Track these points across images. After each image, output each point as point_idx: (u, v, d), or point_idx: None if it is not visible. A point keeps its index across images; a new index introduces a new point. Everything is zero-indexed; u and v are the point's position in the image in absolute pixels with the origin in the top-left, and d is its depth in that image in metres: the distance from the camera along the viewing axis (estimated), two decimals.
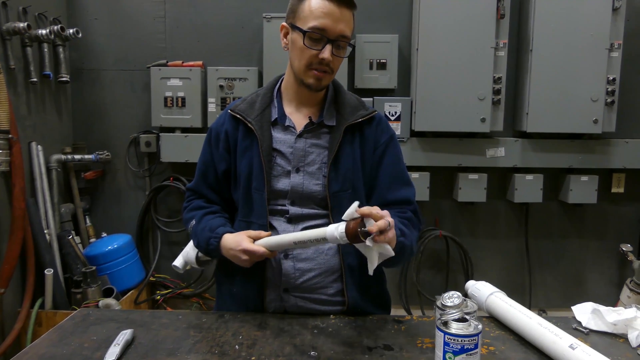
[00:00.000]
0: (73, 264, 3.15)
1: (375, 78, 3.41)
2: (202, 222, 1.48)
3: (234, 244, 1.36)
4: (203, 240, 1.44)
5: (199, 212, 1.52)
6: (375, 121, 1.50)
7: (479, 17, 3.19)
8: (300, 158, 1.44)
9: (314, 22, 1.33)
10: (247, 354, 1.20)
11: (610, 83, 3.25)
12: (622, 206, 3.64)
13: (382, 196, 1.47)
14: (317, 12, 1.33)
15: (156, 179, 3.67)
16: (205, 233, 1.44)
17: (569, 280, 3.71)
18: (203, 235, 1.44)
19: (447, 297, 1.11)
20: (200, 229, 1.46)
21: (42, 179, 3.16)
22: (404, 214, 1.43)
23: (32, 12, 3.10)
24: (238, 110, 1.48)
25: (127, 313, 1.46)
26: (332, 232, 1.17)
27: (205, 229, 1.45)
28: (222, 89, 3.41)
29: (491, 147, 3.40)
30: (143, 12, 3.58)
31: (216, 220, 1.47)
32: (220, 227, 1.43)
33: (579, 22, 3.19)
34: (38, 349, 1.22)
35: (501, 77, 3.27)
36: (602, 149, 3.40)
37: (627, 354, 1.22)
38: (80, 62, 3.60)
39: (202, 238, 1.45)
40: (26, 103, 3.08)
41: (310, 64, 1.37)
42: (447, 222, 3.67)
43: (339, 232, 1.15)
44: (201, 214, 1.51)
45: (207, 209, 1.53)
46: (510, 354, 1.21)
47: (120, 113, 3.64)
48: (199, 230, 1.47)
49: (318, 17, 1.33)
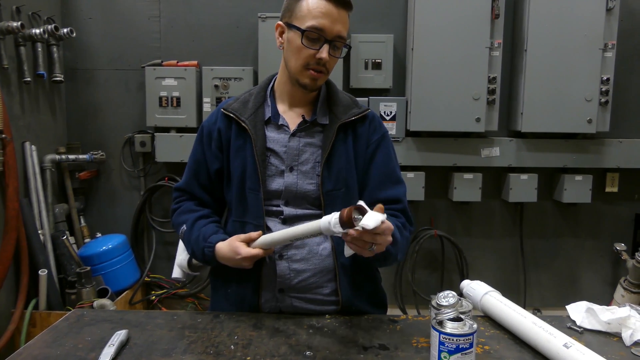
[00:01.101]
0: (67, 265, 3.14)
1: (370, 78, 3.42)
2: (195, 229, 1.46)
3: (230, 252, 1.35)
4: (198, 250, 1.44)
5: (190, 216, 1.50)
6: (368, 119, 1.50)
7: (474, 17, 3.20)
8: (293, 157, 1.44)
9: (312, 22, 1.33)
10: (243, 354, 1.19)
11: (604, 83, 3.27)
12: (616, 205, 3.66)
13: (371, 194, 1.46)
14: (315, 12, 1.33)
15: (151, 179, 3.66)
16: (200, 243, 1.42)
17: (563, 280, 3.73)
18: (197, 245, 1.43)
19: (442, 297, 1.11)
20: (194, 239, 1.45)
21: (36, 179, 3.14)
22: (398, 219, 1.43)
23: (25, 12, 3.09)
24: (231, 109, 1.47)
25: (121, 313, 1.45)
26: (326, 222, 1.16)
27: (198, 238, 1.43)
28: (217, 88, 3.40)
29: (486, 146, 3.41)
30: (137, 12, 3.57)
31: (208, 227, 1.46)
32: (212, 235, 1.42)
33: (573, 23, 3.20)
34: (32, 349, 1.21)
35: (496, 77, 3.28)
36: (596, 148, 3.41)
37: (621, 352, 1.22)
38: (74, 61, 3.59)
39: (197, 248, 1.44)
40: (20, 103, 3.07)
41: (308, 63, 1.37)
42: (442, 222, 3.67)
43: (333, 220, 1.15)
44: (192, 219, 1.49)
45: (197, 212, 1.51)
46: (505, 353, 1.21)
47: (115, 113, 3.63)
48: (192, 239, 1.45)
49: (316, 16, 1.33)
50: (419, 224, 3.59)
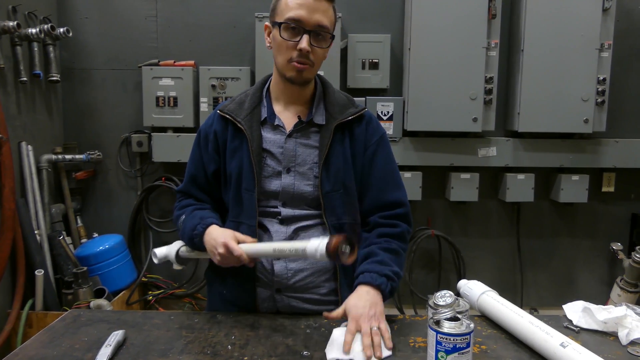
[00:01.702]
0: (64, 265, 3.13)
1: (367, 78, 3.42)
2: (193, 213, 1.47)
3: (218, 235, 1.34)
4: (189, 228, 1.42)
5: (190, 207, 1.51)
6: (365, 119, 1.49)
7: (471, 17, 3.21)
8: (290, 158, 1.44)
9: (290, 14, 1.34)
10: (240, 354, 1.19)
11: (601, 83, 3.28)
12: (613, 205, 3.67)
13: (374, 199, 1.47)
14: (292, 4, 1.35)
15: (148, 179, 3.65)
16: (195, 220, 1.42)
17: (560, 279, 3.74)
18: (191, 222, 1.42)
19: (440, 296, 1.11)
20: (190, 218, 1.45)
21: (33, 179, 3.13)
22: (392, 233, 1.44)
23: (21, 11, 3.07)
24: (227, 110, 1.47)
25: (118, 314, 1.45)
26: (313, 249, 1.20)
27: (195, 217, 1.44)
28: (214, 88, 3.40)
29: (483, 146, 3.41)
30: (134, 11, 3.56)
31: (207, 212, 1.47)
32: (210, 218, 1.42)
33: (569, 23, 3.21)
34: (28, 350, 1.21)
35: (493, 77, 3.29)
36: (592, 148, 3.42)
37: (617, 351, 1.23)
38: (70, 61, 3.58)
39: (189, 225, 1.42)
40: (16, 102, 3.06)
41: (291, 57, 1.37)
42: (439, 222, 3.68)
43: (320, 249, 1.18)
44: (192, 209, 1.49)
45: (197, 205, 1.52)
46: (502, 352, 1.21)
47: (112, 113, 3.62)
48: (187, 219, 1.45)
49: (293, 8, 1.34)
50: (416, 224, 3.58)
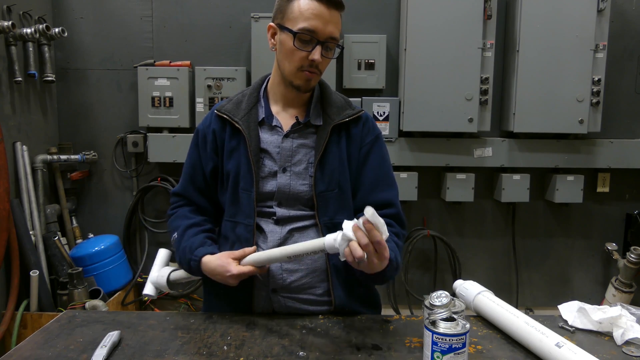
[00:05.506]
0: (59, 265, 3.12)
1: (363, 78, 3.42)
2: (184, 238, 1.45)
3: (219, 268, 1.34)
4: (184, 261, 1.43)
5: (183, 223, 1.49)
6: (362, 120, 1.49)
7: (466, 18, 3.21)
8: (287, 158, 1.44)
9: (304, 24, 1.32)
10: (236, 354, 1.19)
11: (596, 84, 3.29)
12: (607, 205, 3.68)
13: (364, 197, 1.46)
14: (306, 14, 1.32)
15: (143, 179, 3.64)
16: (186, 254, 1.42)
17: (555, 279, 3.75)
18: (184, 256, 1.43)
19: (435, 297, 1.11)
20: (182, 249, 1.44)
21: (27, 179, 3.12)
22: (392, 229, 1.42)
23: (16, 11, 3.07)
24: (224, 111, 1.46)
25: (114, 314, 1.45)
26: (331, 239, 1.17)
27: (185, 249, 1.43)
28: (210, 88, 3.39)
29: (478, 147, 3.42)
30: (129, 12, 3.55)
31: (197, 238, 1.44)
32: (199, 247, 1.41)
33: (564, 24, 3.22)
34: (23, 351, 1.20)
35: (488, 77, 3.30)
36: (587, 148, 3.43)
37: (612, 351, 1.23)
38: (65, 61, 3.57)
39: (184, 259, 1.43)
40: (10, 103, 3.04)
41: (301, 66, 1.36)
42: (434, 222, 3.68)
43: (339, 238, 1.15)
44: (183, 227, 1.48)
45: (190, 219, 1.50)
46: (498, 352, 1.22)
47: (107, 113, 3.61)
48: (180, 248, 1.45)
49: (308, 18, 1.32)
50: (411, 224, 3.59)
